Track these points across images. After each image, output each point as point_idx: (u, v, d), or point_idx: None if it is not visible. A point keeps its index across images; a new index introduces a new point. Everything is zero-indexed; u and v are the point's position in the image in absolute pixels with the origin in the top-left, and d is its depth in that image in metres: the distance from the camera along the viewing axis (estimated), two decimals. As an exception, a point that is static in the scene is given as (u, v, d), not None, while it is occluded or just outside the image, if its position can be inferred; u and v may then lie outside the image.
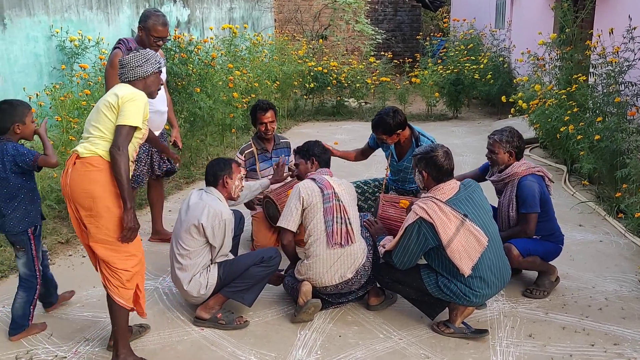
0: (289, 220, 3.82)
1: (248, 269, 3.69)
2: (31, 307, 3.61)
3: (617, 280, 4.28)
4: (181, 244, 3.67)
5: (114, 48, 4.55)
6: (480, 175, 4.43)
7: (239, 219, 4.21)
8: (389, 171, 4.86)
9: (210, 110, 7.20)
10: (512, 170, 4.03)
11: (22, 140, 3.65)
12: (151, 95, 3.35)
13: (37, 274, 3.60)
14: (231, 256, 3.85)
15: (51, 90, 6.49)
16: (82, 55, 7.95)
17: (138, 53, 3.28)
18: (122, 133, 3.07)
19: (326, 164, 4.16)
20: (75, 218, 3.19)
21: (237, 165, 3.88)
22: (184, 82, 7.04)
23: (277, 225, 3.93)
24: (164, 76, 4.77)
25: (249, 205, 4.98)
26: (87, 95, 6.33)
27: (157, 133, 4.73)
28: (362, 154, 5.10)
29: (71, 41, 8.15)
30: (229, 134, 8.47)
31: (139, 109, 3.13)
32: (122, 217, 3.10)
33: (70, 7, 8.57)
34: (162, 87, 4.68)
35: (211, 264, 3.72)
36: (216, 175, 3.80)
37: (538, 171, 4.06)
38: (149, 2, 10.33)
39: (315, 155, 4.15)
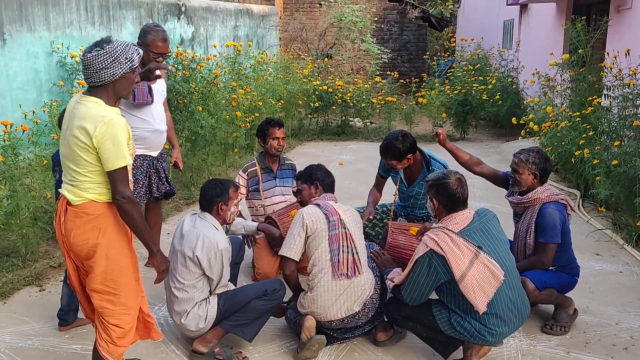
0: (291, 249, 3.58)
1: (250, 302, 3.45)
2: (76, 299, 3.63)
3: (641, 315, 4.02)
4: (176, 276, 3.43)
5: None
6: (500, 179, 4.19)
7: (238, 247, 3.97)
8: (397, 197, 4.62)
9: (212, 129, 7.00)
10: (535, 195, 3.79)
11: None
12: (124, 97, 2.86)
13: None
14: (232, 286, 3.60)
15: (49, 107, 6.30)
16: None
17: (103, 51, 2.65)
18: (118, 178, 2.69)
19: (330, 188, 3.92)
20: (71, 263, 2.91)
21: (234, 189, 3.61)
22: (185, 100, 6.84)
23: (279, 254, 3.68)
24: (164, 94, 4.57)
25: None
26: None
27: (156, 153, 4.53)
28: (379, 188, 4.81)
29: (72, 57, 8.00)
30: (232, 153, 8.26)
31: (121, 140, 2.68)
32: (153, 263, 2.93)
33: (72, 23, 8.43)
34: (162, 105, 4.54)
35: (210, 295, 3.48)
36: (212, 200, 3.54)
37: (562, 199, 3.81)
38: (152, 18, 10.21)
39: (319, 179, 3.91)
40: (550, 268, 3.81)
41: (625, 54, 6.17)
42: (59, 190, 2.85)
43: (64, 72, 8.05)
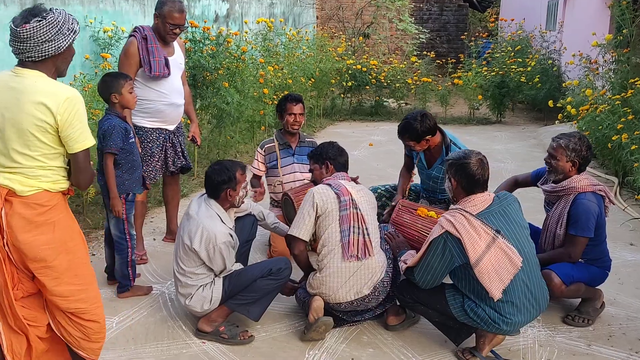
0: (300, 228, 3.46)
1: (255, 282, 3.37)
2: (128, 268, 3.87)
3: (673, 310, 3.79)
4: (179, 262, 3.39)
5: (129, 36, 4.30)
6: (532, 181, 3.98)
7: (251, 224, 3.87)
8: (413, 177, 4.46)
9: (239, 106, 6.91)
10: (571, 183, 3.55)
11: None
12: (62, 73, 2.54)
13: (127, 236, 3.82)
14: (238, 266, 3.52)
15: (81, 81, 6.34)
16: (115, 47, 7.79)
17: (45, 21, 2.36)
18: (82, 159, 2.46)
19: (343, 167, 3.75)
20: (9, 269, 2.47)
21: (242, 172, 3.47)
22: (212, 77, 6.77)
23: (288, 233, 3.58)
24: (182, 67, 4.50)
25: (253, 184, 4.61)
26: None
27: (172, 127, 4.48)
28: (408, 169, 4.65)
29: (105, 32, 8.01)
30: (259, 131, 8.18)
31: (84, 117, 2.43)
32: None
33: (105, -2, 8.43)
34: (179, 78, 4.46)
35: (215, 277, 3.41)
36: (218, 187, 3.40)
37: (600, 190, 3.56)
38: (186, -6, 10.15)
39: (330, 158, 3.75)
40: (580, 260, 3.60)
41: (672, 34, 5.82)
42: None
43: (97, 46, 8.07)
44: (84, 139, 2.45)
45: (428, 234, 3.71)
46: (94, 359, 2.77)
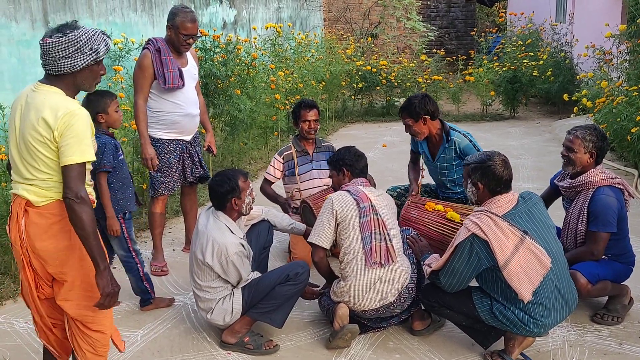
0: (320, 236, 3.43)
1: (274, 289, 3.34)
2: (144, 282, 3.86)
3: None
4: (195, 277, 3.37)
5: (143, 48, 4.30)
6: (553, 189, 3.90)
7: (266, 230, 3.85)
8: (424, 172, 4.48)
9: (251, 112, 6.91)
10: (588, 177, 3.49)
11: None
12: (86, 89, 2.58)
13: (133, 253, 3.76)
14: (256, 275, 3.50)
15: (89, 94, 6.34)
16: (125, 58, 7.81)
17: (65, 38, 2.39)
18: (72, 175, 2.38)
19: (361, 172, 3.69)
20: (31, 273, 2.56)
21: (244, 179, 3.43)
22: (223, 84, 6.77)
23: (308, 241, 3.55)
24: (196, 77, 4.50)
25: (285, 209, 4.61)
26: (121, 98, 6.12)
27: (189, 137, 4.48)
28: (415, 163, 4.68)
29: (115, 44, 8.04)
30: (272, 137, 8.17)
31: (83, 134, 2.40)
32: (97, 282, 2.46)
33: (114, 10, 8.46)
34: (194, 88, 4.46)
35: (234, 288, 3.39)
36: (223, 199, 3.36)
37: (618, 183, 3.50)
38: (194, 2, 10.17)
39: (347, 164, 3.68)
40: (603, 257, 3.54)
41: (688, 22, 5.73)
42: (12, 190, 2.57)
43: (107, 59, 8.10)
44: (72, 153, 2.39)
45: (434, 228, 3.73)
46: None
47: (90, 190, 2.62)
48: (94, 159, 2.51)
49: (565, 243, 3.63)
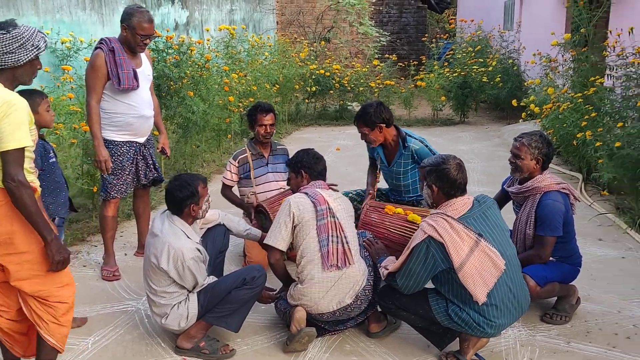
0: (277, 238, 3.42)
1: (230, 293, 3.29)
2: None
3: (645, 303, 3.88)
4: (149, 282, 3.30)
5: (95, 48, 4.19)
6: (504, 195, 3.98)
7: (222, 234, 3.81)
8: (379, 176, 4.53)
9: (204, 114, 6.83)
10: (535, 183, 3.59)
11: None
12: (25, 83, 2.73)
13: None
14: (212, 279, 3.45)
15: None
16: (74, 58, 7.60)
17: (9, 35, 2.56)
18: (10, 160, 2.50)
19: (320, 175, 3.69)
20: None
21: (203, 185, 3.39)
22: (176, 86, 6.67)
23: (264, 242, 3.53)
24: (150, 78, 4.42)
25: (249, 213, 4.56)
26: (70, 99, 5.96)
27: (142, 139, 4.39)
28: (373, 168, 4.73)
29: (62, 43, 7.81)
30: (225, 139, 8.09)
31: (20, 121, 2.52)
32: (47, 253, 2.63)
33: (62, 8, 8.22)
34: (148, 89, 4.38)
35: (189, 293, 3.33)
36: (181, 204, 3.30)
37: (564, 188, 3.61)
38: (145, 3, 9.99)
39: (305, 167, 3.67)
40: (551, 259, 3.64)
41: (629, 32, 5.98)
42: None
43: (54, 57, 7.86)
44: (8, 140, 2.49)
45: (396, 230, 3.76)
46: (61, 348, 2.83)
47: (32, 178, 2.69)
48: (31, 144, 2.60)
49: (515, 246, 3.72)
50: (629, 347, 3.37)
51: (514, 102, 8.37)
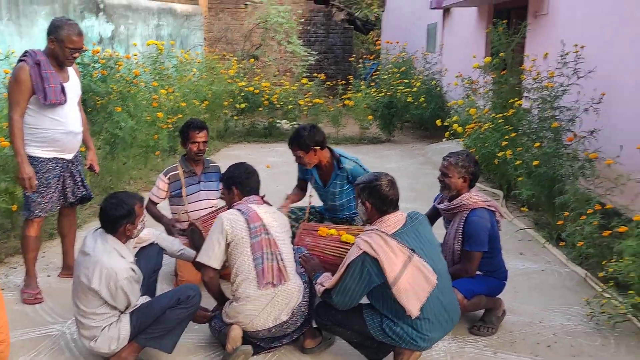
0: (210, 256, 3.38)
1: (164, 313, 3.23)
2: None
3: (564, 313, 4.10)
4: (78, 303, 3.19)
5: (19, 61, 4.02)
6: (435, 211, 4.12)
7: (156, 253, 3.73)
8: (311, 198, 4.58)
9: (132, 131, 6.68)
10: (462, 200, 3.76)
11: None
12: None
13: None
14: (145, 299, 3.37)
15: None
16: (-9, 70, 7.25)
17: None
18: None
19: (253, 190, 3.64)
20: None
21: (140, 205, 3.32)
22: (103, 101, 6.50)
23: (196, 260, 3.48)
24: (78, 93, 4.29)
25: (169, 230, 4.50)
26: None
27: (70, 156, 4.24)
28: (302, 189, 4.81)
29: (-22, 54, 7.45)
30: (153, 156, 7.93)
31: None
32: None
33: (-23, 18, 7.85)
34: (76, 105, 4.25)
35: (121, 314, 3.24)
36: (116, 223, 3.22)
37: (490, 205, 3.79)
38: (67, 14, 9.68)
39: (236, 183, 3.63)
40: (478, 273, 3.80)
41: (544, 57, 6.35)
42: None
43: (-30, 69, 7.48)
44: None
45: (331, 252, 3.81)
46: None
47: None
48: None
49: (445, 260, 3.85)
50: (550, 355, 3.56)
51: (438, 122, 8.68)
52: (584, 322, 3.95)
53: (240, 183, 3.63)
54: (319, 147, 4.30)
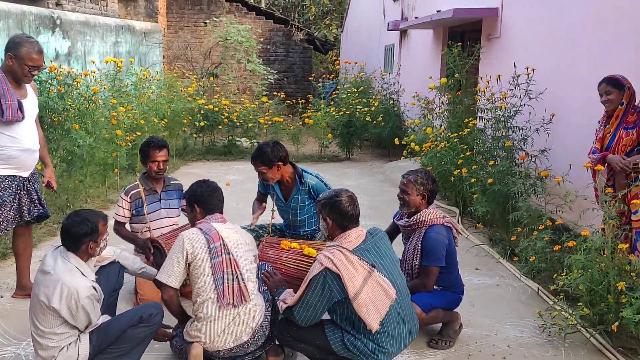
0: (169, 275, 3.37)
1: (126, 332, 3.21)
2: None
3: (517, 325, 4.24)
4: (37, 323, 3.13)
5: (-27, 78, 3.98)
6: (394, 228, 4.23)
7: (117, 272, 3.70)
8: (274, 213, 4.63)
9: (90, 148, 6.61)
10: (421, 217, 3.87)
11: None
12: None
13: None
14: (106, 318, 3.35)
15: None
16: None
17: None
18: None
19: (216, 208, 3.64)
20: None
21: (104, 223, 3.28)
22: (60, 118, 6.42)
23: (156, 278, 3.47)
24: (36, 110, 4.26)
25: (145, 249, 4.45)
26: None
27: (27, 174, 4.19)
28: (261, 203, 4.85)
29: None
30: (112, 174, 7.84)
31: None
32: None
33: None
34: (33, 122, 4.21)
35: (80, 333, 3.20)
36: (79, 241, 3.17)
37: (447, 222, 3.92)
38: (22, 30, 9.53)
39: (198, 201, 3.63)
40: (436, 288, 3.91)
41: (497, 79, 6.59)
42: None
43: None
44: None
45: (293, 265, 3.86)
46: None
47: None
48: None
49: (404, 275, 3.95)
50: (505, 367, 3.67)
51: (396, 141, 8.85)
52: (536, 334, 4.09)
53: (202, 202, 3.64)
54: (281, 163, 4.36)
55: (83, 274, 3.18)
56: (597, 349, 3.87)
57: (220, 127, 11.27)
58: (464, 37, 9.68)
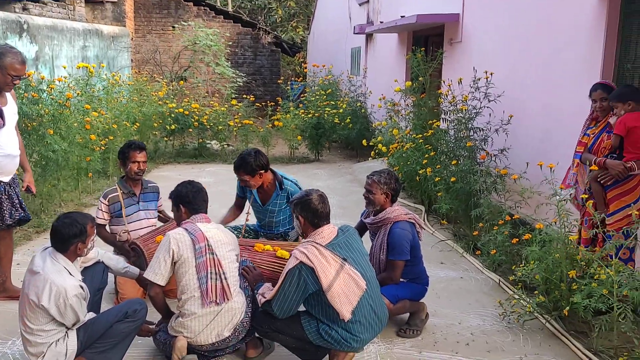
0: (156, 273, 3.56)
1: (112, 327, 3.39)
2: None
3: (480, 315, 4.53)
4: (26, 321, 3.29)
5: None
6: (362, 225, 4.48)
7: (101, 272, 3.87)
8: (249, 216, 4.84)
9: (65, 153, 6.71)
10: (386, 214, 4.14)
11: None
12: None
13: None
14: (91, 316, 3.52)
15: None
16: None
17: None
18: None
19: (200, 208, 3.83)
20: None
21: (92, 224, 3.45)
22: (34, 124, 6.51)
23: (144, 276, 3.66)
24: (16, 117, 4.39)
25: (125, 250, 4.60)
26: None
27: (7, 178, 4.32)
28: (239, 208, 5.05)
29: None
30: (85, 178, 7.93)
31: None
32: None
33: None
34: (14, 128, 4.34)
35: (68, 330, 3.37)
36: (68, 242, 3.34)
37: (410, 218, 4.19)
38: (-9, 36, 9.53)
39: (183, 201, 3.81)
40: (402, 280, 4.17)
41: (458, 82, 6.91)
42: None
43: None
44: None
45: (267, 267, 4.08)
46: None
47: None
48: None
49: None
50: (468, 352, 3.96)
51: (364, 142, 9.12)
52: (497, 322, 4.39)
53: (187, 202, 3.81)
54: (263, 170, 4.57)
55: (71, 274, 3.34)
56: (552, 334, 4.19)
57: (190, 130, 11.40)
58: (427, 41, 10.01)
